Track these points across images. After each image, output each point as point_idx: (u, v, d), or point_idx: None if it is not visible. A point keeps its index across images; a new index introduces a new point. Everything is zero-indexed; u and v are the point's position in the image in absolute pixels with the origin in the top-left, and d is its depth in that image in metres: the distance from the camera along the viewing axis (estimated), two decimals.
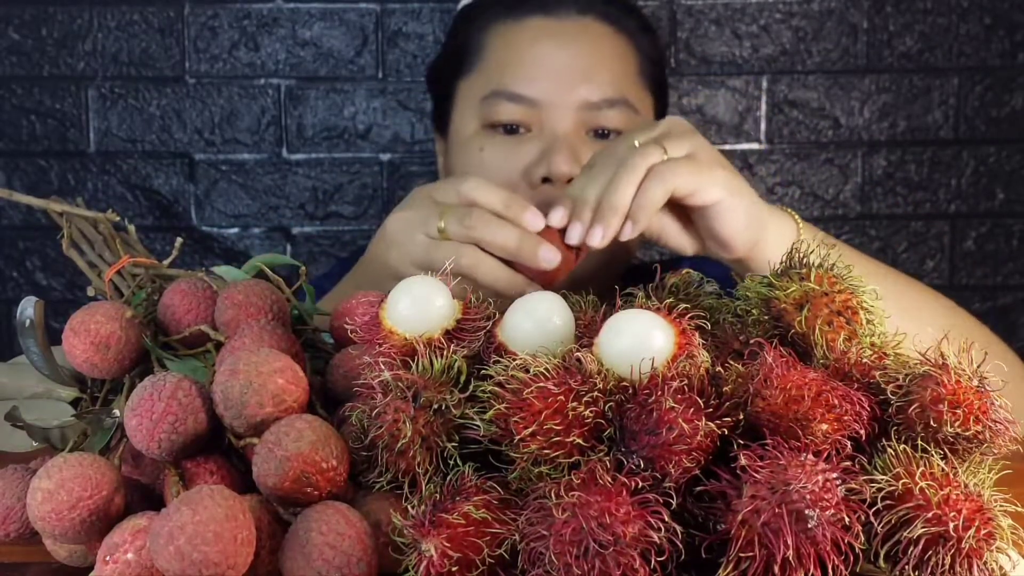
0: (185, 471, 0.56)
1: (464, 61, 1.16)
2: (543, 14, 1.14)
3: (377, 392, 0.54)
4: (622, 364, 0.52)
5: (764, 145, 1.80)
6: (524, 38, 1.13)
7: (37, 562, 0.61)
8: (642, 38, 1.18)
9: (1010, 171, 1.81)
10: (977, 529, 0.48)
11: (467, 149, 1.11)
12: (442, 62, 1.23)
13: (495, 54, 1.14)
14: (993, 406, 0.52)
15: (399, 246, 0.90)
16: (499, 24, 1.15)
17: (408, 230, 0.90)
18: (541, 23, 1.13)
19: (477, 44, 1.15)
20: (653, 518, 0.47)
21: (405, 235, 0.90)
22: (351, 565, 0.49)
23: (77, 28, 1.73)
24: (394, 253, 0.91)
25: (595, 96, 1.10)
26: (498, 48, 1.14)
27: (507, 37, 1.14)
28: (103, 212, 0.73)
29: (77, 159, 1.76)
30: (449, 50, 1.22)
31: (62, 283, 1.77)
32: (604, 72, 1.12)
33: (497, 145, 1.10)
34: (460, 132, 1.14)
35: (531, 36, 1.13)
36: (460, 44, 1.18)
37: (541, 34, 1.13)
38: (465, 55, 1.16)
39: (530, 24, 1.14)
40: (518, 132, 1.10)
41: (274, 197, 1.78)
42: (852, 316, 0.57)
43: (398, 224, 0.91)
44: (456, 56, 1.18)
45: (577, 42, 1.13)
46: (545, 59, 1.11)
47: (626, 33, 1.16)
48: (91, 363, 0.61)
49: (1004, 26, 1.78)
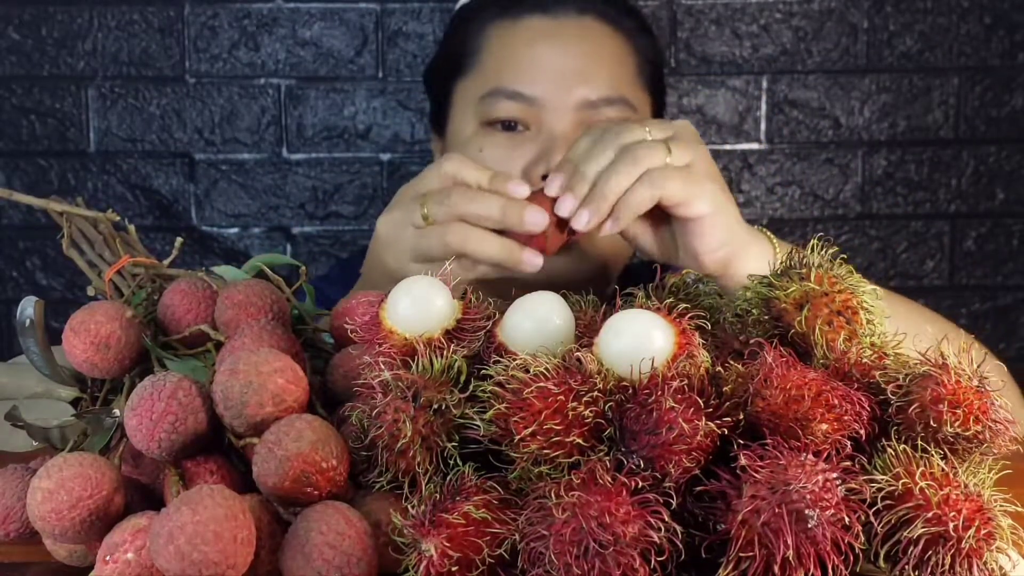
0: (185, 471, 0.56)
1: (462, 62, 1.16)
2: (541, 14, 1.14)
3: (377, 392, 0.54)
4: (622, 364, 0.52)
5: (764, 145, 1.80)
6: (522, 38, 1.13)
7: (37, 562, 0.61)
8: (640, 38, 1.18)
9: (1010, 171, 1.81)
10: (977, 529, 0.48)
11: (466, 149, 1.11)
12: (440, 63, 1.23)
13: (493, 54, 1.14)
14: (993, 406, 0.52)
15: (391, 246, 0.91)
16: (497, 24, 1.15)
17: (396, 229, 0.90)
18: (539, 23, 1.13)
19: (475, 45, 1.15)
20: (653, 518, 0.47)
21: (394, 234, 0.90)
22: (351, 565, 0.49)
23: (77, 28, 1.73)
24: (389, 255, 0.91)
25: (593, 95, 1.10)
26: (496, 48, 1.14)
27: (505, 37, 1.14)
28: (103, 212, 0.73)
29: (77, 159, 1.76)
30: (447, 51, 1.22)
31: (62, 283, 1.77)
32: (602, 71, 1.12)
33: (496, 144, 1.10)
34: (459, 133, 1.14)
35: (529, 36, 1.13)
36: (458, 45, 1.18)
37: (539, 34, 1.13)
38: (463, 56, 1.16)
39: (528, 24, 1.13)
40: (516, 129, 1.10)
41: (274, 197, 1.78)
42: (852, 316, 0.57)
43: (386, 226, 0.92)
44: (454, 57, 1.18)
45: (575, 42, 1.13)
46: (544, 59, 1.11)
47: (624, 33, 1.16)
48: (91, 363, 0.61)
49: (1004, 26, 1.78)
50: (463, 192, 0.87)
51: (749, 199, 1.81)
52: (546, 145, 1.08)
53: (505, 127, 1.10)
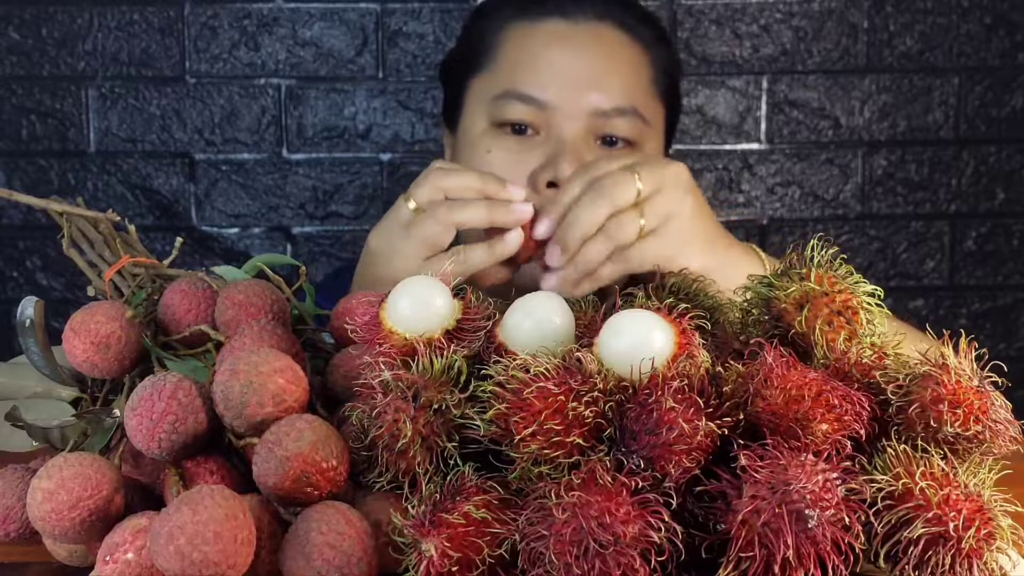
0: (185, 471, 0.56)
1: (478, 59, 1.16)
2: (560, 17, 1.13)
3: (377, 392, 0.54)
4: (622, 364, 0.52)
5: (764, 145, 1.80)
6: (539, 41, 1.13)
7: (37, 562, 0.61)
8: (657, 48, 1.17)
9: (1010, 171, 1.81)
10: (977, 529, 0.48)
11: (475, 149, 1.11)
12: (455, 58, 1.23)
13: (509, 54, 1.13)
14: (993, 406, 0.52)
15: (382, 254, 0.92)
16: (515, 24, 1.14)
17: (386, 234, 0.92)
18: (557, 26, 1.13)
19: (492, 43, 1.15)
20: (653, 518, 0.47)
21: (385, 241, 0.92)
22: (351, 565, 0.49)
23: (77, 28, 1.73)
24: (380, 262, 0.92)
25: (606, 104, 1.09)
26: (512, 49, 1.13)
27: (522, 38, 1.13)
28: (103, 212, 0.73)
29: (77, 159, 1.75)
30: (463, 46, 1.22)
31: (62, 283, 1.77)
32: (616, 80, 1.11)
33: (505, 147, 1.10)
34: (469, 130, 1.14)
35: (546, 39, 1.12)
36: (475, 41, 1.18)
37: (556, 38, 1.12)
38: (479, 53, 1.16)
39: (546, 27, 1.13)
40: (526, 133, 1.10)
41: (274, 197, 1.78)
42: (852, 316, 0.57)
43: (377, 237, 0.93)
44: (470, 53, 1.18)
45: (591, 48, 1.13)
46: (558, 63, 1.11)
47: (642, 42, 1.15)
48: (91, 363, 0.61)
49: (1004, 26, 1.78)
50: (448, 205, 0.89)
51: (749, 199, 1.81)
52: (554, 150, 1.08)
53: (515, 130, 1.10)
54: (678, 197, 0.90)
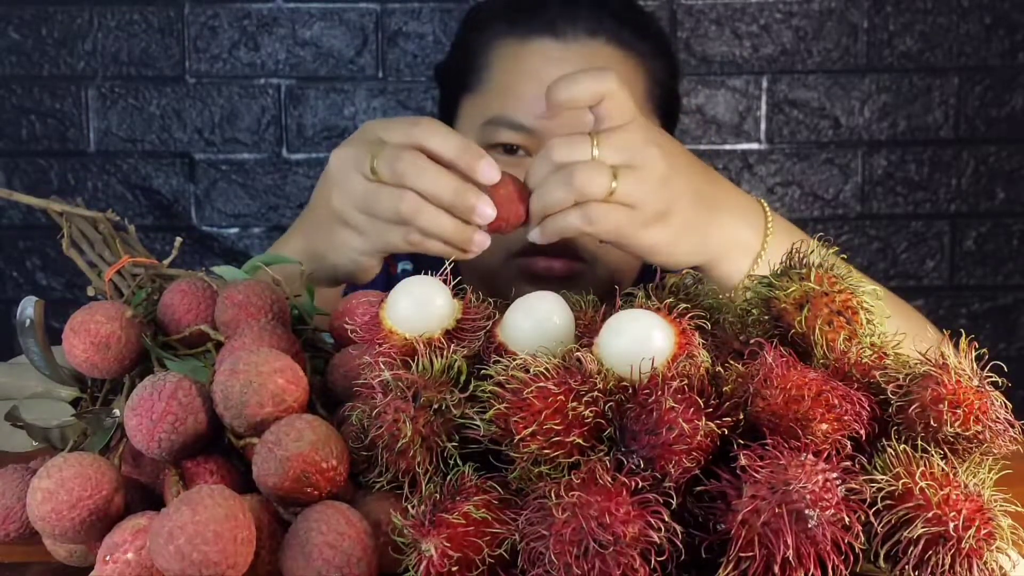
0: (185, 471, 0.56)
1: (468, 76, 1.15)
2: (551, 36, 1.11)
3: (377, 392, 0.54)
4: (622, 364, 0.52)
5: (764, 145, 1.80)
6: (529, 64, 1.10)
7: (37, 562, 0.61)
8: (653, 61, 1.15)
9: (1010, 171, 1.81)
10: (977, 529, 0.48)
11: None
12: (448, 70, 1.22)
13: (499, 76, 1.12)
14: (993, 406, 0.52)
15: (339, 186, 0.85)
16: (504, 42, 1.13)
17: (346, 169, 0.85)
18: (547, 47, 1.10)
19: (482, 61, 1.14)
20: (653, 518, 0.47)
21: (344, 174, 0.85)
22: (351, 565, 0.49)
23: (77, 28, 1.73)
24: (336, 194, 0.86)
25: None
26: (502, 71, 1.12)
27: (512, 60, 1.12)
28: (103, 212, 0.73)
29: (77, 159, 1.75)
30: (455, 58, 1.21)
31: (62, 283, 1.77)
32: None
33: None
34: None
35: (536, 64, 1.10)
36: (466, 55, 1.17)
37: (546, 62, 1.10)
38: (469, 71, 1.15)
39: (535, 47, 1.11)
40: (517, 153, 1.09)
41: (274, 197, 1.78)
42: (852, 316, 0.57)
43: (337, 162, 0.86)
44: (461, 67, 1.17)
45: None
46: None
47: (636, 56, 1.13)
48: (91, 363, 0.61)
49: (1004, 26, 1.78)
50: (415, 163, 0.81)
51: None
52: None
53: (507, 150, 1.10)
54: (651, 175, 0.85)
